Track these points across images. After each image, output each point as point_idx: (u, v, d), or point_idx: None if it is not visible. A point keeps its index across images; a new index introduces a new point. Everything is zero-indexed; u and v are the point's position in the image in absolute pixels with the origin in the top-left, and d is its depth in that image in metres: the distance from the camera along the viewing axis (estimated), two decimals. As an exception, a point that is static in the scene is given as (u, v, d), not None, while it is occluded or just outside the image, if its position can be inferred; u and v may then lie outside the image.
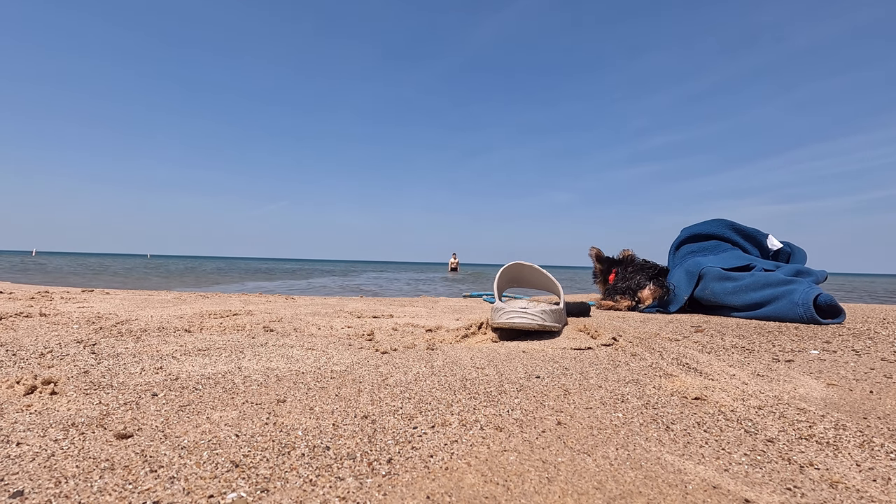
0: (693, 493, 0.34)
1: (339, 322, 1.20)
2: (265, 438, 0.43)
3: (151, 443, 0.41)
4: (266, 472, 0.36)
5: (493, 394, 0.58)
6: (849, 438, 0.45)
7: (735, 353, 0.86)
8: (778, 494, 0.34)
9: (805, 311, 1.27)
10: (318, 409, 0.51)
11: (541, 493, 0.34)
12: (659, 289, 1.62)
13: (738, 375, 0.69)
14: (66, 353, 0.74)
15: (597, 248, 1.99)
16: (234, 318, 1.20)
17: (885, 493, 0.35)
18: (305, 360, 0.74)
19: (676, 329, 1.16)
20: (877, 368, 0.74)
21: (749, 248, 1.78)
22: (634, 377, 0.68)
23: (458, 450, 0.41)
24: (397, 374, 0.67)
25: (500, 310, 1.00)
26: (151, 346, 0.83)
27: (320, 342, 0.91)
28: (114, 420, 0.46)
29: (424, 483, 0.35)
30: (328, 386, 0.60)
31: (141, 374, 0.63)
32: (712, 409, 0.54)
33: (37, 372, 0.63)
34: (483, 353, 0.83)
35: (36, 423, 0.45)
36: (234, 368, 0.68)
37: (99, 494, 0.32)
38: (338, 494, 0.33)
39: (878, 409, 0.54)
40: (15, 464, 0.36)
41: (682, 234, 1.90)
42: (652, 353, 0.85)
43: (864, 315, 1.44)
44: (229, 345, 0.85)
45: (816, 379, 0.68)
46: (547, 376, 0.67)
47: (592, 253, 2.00)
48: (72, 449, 0.39)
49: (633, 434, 0.46)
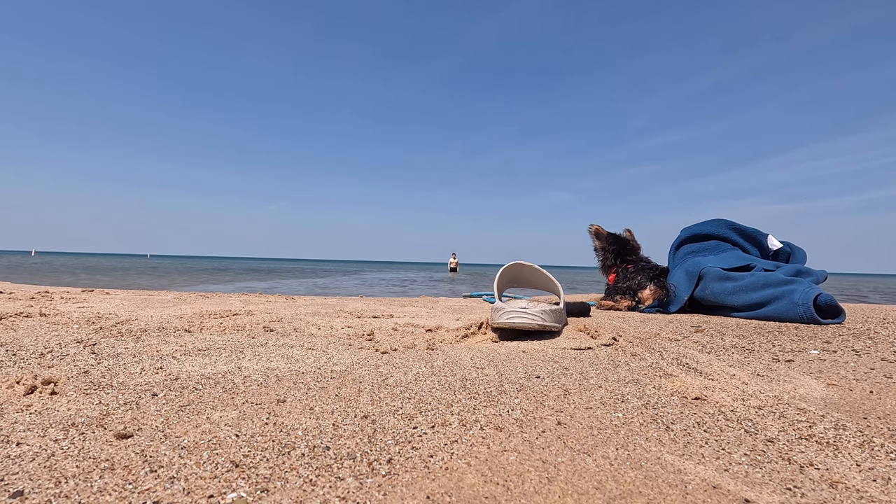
0: (693, 493, 0.34)
1: (339, 322, 1.20)
2: (265, 438, 0.43)
3: (151, 443, 0.41)
4: (266, 472, 0.36)
5: (493, 394, 0.58)
6: (849, 438, 0.45)
7: (735, 353, 0.86)
8: (778, 494, 0.34)
9: (805, 311, 1.27)
10: (318, 409, 0.51)
11: (541, 493, 0.34)
12: (659, 290, 1.62)
13: (738, 375, 0.69)
14: (66, 353, 0.74)
15: (597, 224, 1.97)
16: (234, 318, 1.20)
17: (885, 493, 0.35)
18: (305, 360, 0.74)
19: (676, 329, 1.16)
20: (877, 368, 0.74)
21: (749, 248, 1.78)
22: (634, 377, 0.68)
23: (458, 450, 0.41)
24: (397, 374, 0.67)
25: (500, 310, 1.00)
26: (151, 346, 0.83)
27: (320, 342, 0.91)
28: (114, 420, 0.46)
29: (424, 483, 0.35)
30: (328, 386, 0.60)
31: (141, 374, 0.63)
32: (712, 409, 0.54)
33: (37, 372, 0.63)
34: (483, 353, 0.83)
35: (36, 423, 0.45)
36: (234, 368, 0.68)
37: (99, 494, 0.32)
38: (338, 494, 0.33)
39: (878, 409, 0.54)
40: (15, 464, 0.36)
41: (681, 235, 1.90)
42: (652, 353, 0.85)
43: (864, 315, 1.44)
44: (229, 345, 0.85)
45: (816, 379, 0.68)
46: (547, 376, 0.67)
47: (592, 230, 1.97)
48: (72, 449, 0.39)
49: (633, 434, 0.46)
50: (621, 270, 1.81)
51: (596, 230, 1.96)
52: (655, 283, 1.64)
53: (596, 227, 1.96)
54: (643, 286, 1.66)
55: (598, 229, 1.96)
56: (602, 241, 1.94)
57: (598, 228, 1.96)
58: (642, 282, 1.67)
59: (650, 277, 1.68)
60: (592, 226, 1.97)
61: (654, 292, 1.63)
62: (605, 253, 1.91)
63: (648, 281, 1.66)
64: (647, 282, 1.66)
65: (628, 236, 1.95)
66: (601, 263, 1.94)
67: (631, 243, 1.92)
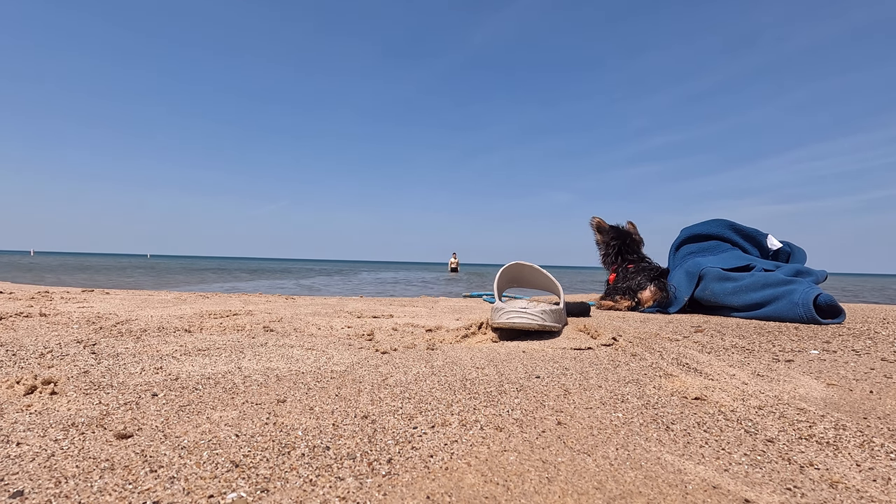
0: (693, 493, 0.34)
1: (339, 322, 1.20)
2: (265, 438, 0.43)
3: (151, 443, 0.41)
4: (266, 472, 0.36)
5: (493, 394, 0.58)
6: (849, 438, 0.45)
7: (735, 353, 0.86)
8: (778, 494, 0.34)
9: (805, 311, 1.27)
10: (318, 409, 0.51)
11: (541, 493, 0.34)
12: (660, 291, 1.62)
13: (738, 375, 0.69)
14: (66, 353, 0.74)
15: (599, 217, 1.96)
16: (234, 318, 1.20)
17: (885, 493, 0.35)
18: (305, 360, 0.74)
19: (676, 329, 1.16)
20: (877, 368, 0.74)
21: (749, 248, 1.78)
22: (634, 377, 0.68)
23: (458, 450, 0.41)
24: (397, 374, 0.67)
25: (500, 310, 1.00)
26: (151, 346, 0.83)
27: (320, 342, 0.91)
28: (114, 420, 0.46)
29: (424, 483, 0.35)
30: (328, 386, 0.60)
31: (141, 374, 0.63)
32: (712, 409, 0.54)
33: (37, 372, 0.63)
34: (483, 353, 0.83)
35: (36, 423, 0.45)
36: (234, 368, 0.68)
37: (99, 494, 0.32)
38: (338, 494, 0.33)
39: (878, 409, 0.54)
40: (15, 464, 0.36)
41: (681, 235, 1.90)
42: (652, 353, 0.85)
43: (864, 315, 1.44)
44: (229, 345, 0.85)
45: (816, 379, 0.68)
46: (547, 376, 0.67)
47: (594, 222, 1.95)
48: (72, 449, 0.39)
49: (633, 434, 0.46)
50: (621, 270, 1.80)
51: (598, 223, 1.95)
52: (656, 285, 1.64)
53: (597, 219, 1.95)
54: (643, 287, 1.65)
55: (599, 222, 1.95)
56: (604, 235, 1.93)
57: (599, 221, 1.95)
58: (642, 282, 1.67)
59: (650, 278, 1.67)
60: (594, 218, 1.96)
61: (654, 293, 1.62)
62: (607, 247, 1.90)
63: (649, 282, 1.66)
64: (647, 282, 1.66)
65: (631, 229, 1.93)
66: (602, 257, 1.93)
67: (633, 236, 1.91)
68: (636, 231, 1.94)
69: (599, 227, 1.95)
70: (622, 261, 1.84)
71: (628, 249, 1.86)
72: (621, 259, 1.85)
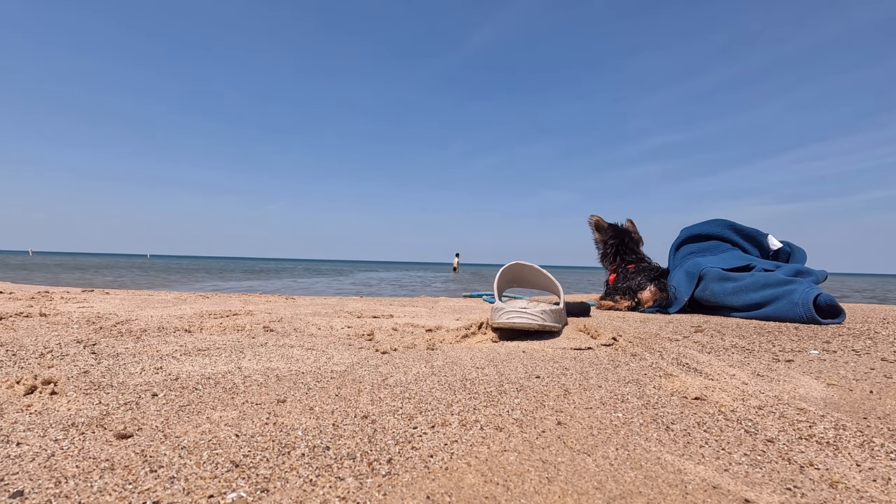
0: (693, 493, 0.34)
1: (339, 322, 1.20)
2: (265, 438, 0.43)
3: (151, 443, 0.41)
4: (266, 472, 0.36)
5: (493, 394, 0.58)
6: (849, 438, 0.45)
7: (735, 353, 0.86)
8: (778, 494, 0.34)
9: (805, 311, 1.27)
10: (318, 409, 0.51)
11: (541, 493, 0.34)
12: (660, 291, 1.62)
13: (738, 375, 0.69)
14: (66, 353, 0.74)
15: (597, 215, 1.95)
16: (234, 318, 1.20)
17: (885, 493, 0.35)
18: (305, 360, 0.74)
19: (676, 329, 1.16)
20: (877, 368, 0.74)
21: (749, 249, 1.78)
22: (634, 377, 0.68)
23: (458, 450, 0.41)
24: (397, 374, 0.67)
25: (500, 310, 1.00)
26: (151, 346, 0.83)
27: (320, 342, 0.91)
28: (114, 420, 0.46)
29: (424, 483, 0.35)
30: (328, 386, 0.60)
31: (141, 374, 0.63)
32: (712, 409, 0.54)
33: (37, 372, 0.63)
34: (483, 353, 0.83)
35: (36, 423, 0.45)
36: (234, 368, 0.68)
37: (99, 494, 0.32)
38: (338, 494, 0.33)
39: (878, 409, 0.54)
40: (15, 464, 0.36)
41: (681, 235, 1.90)
42: (652, 353, 0.85)
43: (864, 315, 1.44)
44: (229, 345, 0.85)
45: (816, 379, 0.68)
46: (547, 376, 0.67)
47: (592, 221, 1.95)
48: (72, 449, 0.39)
49: (633, 434, 0.46)
50: (621, 270, 1.80)
51: (596, 221, 1.95)
52: (656, 285, 1.64)
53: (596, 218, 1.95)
54: (643, 287, 1.65)
55: (598, 220, 1.95)
56: (602, 234, 1.92)
57: (598, 220, 1.95)
58: (642, 283, 1.66)
59: (651, 278, 1.67)
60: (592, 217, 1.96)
61: (654, 294, 1.62)
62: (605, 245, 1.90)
63: (649, 282, 1.66)
64: (647, 283, 1.66)
65: (630, 227, 1.93)
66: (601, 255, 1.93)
67: (632, 235, 1.91)
68: (635, 229, 1.94)
69: (598, 226, 1.94)
70: (621, 260, 1.84)
71: (627, 248, 1.86)
72: (620, 258, 1.85)
